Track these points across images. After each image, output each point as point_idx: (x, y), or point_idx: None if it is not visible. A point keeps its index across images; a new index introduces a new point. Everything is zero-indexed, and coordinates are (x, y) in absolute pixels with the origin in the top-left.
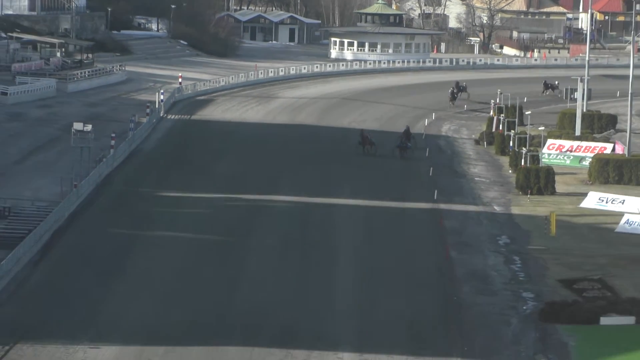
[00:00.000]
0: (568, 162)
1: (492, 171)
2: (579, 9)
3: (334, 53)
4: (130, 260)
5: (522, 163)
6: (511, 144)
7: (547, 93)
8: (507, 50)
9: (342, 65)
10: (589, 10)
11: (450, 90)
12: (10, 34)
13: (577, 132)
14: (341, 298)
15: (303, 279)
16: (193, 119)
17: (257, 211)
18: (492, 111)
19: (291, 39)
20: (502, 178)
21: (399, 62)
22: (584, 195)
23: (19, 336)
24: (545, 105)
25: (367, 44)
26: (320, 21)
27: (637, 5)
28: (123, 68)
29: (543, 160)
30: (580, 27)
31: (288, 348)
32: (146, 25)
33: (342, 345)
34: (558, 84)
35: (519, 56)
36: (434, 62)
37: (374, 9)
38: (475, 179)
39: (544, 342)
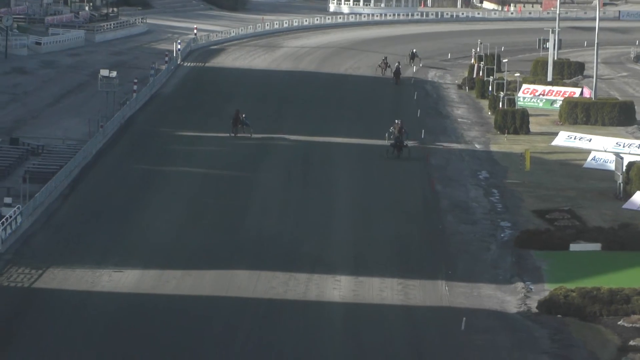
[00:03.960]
0: (541, 104)
1: (473, 113)
2: None
3: (332, 7)
4: (150, 193)
5: (500, 106)
6: (490, 89)
7: (412, 63)
8: (487, 5)
9: (340, 18)
10: None
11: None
12: None
13: (549, 78)
14: (338, 227)
15: (304, 210)
16: (207, 66)
17: (264, 148)
18: (473, 59)
19: None
20: (482, 119)
21: (390, 15)
22: (555, 134)
23: (51, 262)
24: (521, 53)
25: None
26: None
27: None
28: (144, 21)
29: (518, 103)
30: None
31: (291, 272)
32: None
33: (340, 270)
34: (416, 51)
35: (497, 10)
36: (421, 15)
37: None
38: (458, 120)
39: (519, 266)
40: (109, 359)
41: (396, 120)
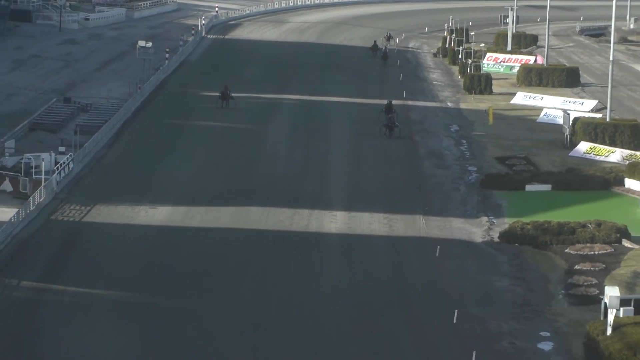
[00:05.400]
0: (502, 70)
1: (446, 77)
2: None
3: None
4: (179, 142)
5: (468, 71)
6: (460, 57)
7: (388, 44)
8: None
9: None
10: None
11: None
12: None
13: (509, 48)
14: (334, 171)
15: (306, 157)
16: (226, 38)
17: (273, 106)
18: (446, 32)
19: None
20: (453, 82)
21: None
22: (513, 94)
23: (97, 199)
24: (485, 28)
25: None
26: None
27: None
28: (174, 0)
29: (483, 68)
30: None
31: (295, 208)
32: None
33: (336, 206)
34: (390, 34)
35: None
36: None
37: None
38: (433, 82)
39: (484, 203)
40: (145, 278)
41: (386, 101)
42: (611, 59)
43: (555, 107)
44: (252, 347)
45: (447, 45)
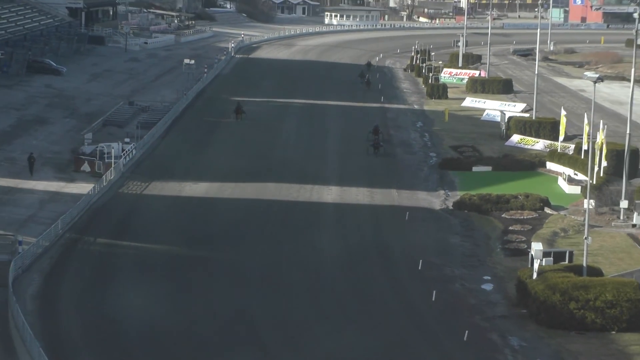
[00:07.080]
0: (455, 81)
1: (413, 86)
2: None
3: (327, 20)
4: (215, 135)
5: (430, 81)
6: (424, 71)
7: (369, 70)
8: (422, 19)
9: (331, 27)
10: None
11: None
12: (148, 10)
13: (460, 64)
14: (331, 156)
15: (310, 145)
16: (249, 57)
17: (285, 108)
18: (413, 52)
19: (303, 13)
20: (418, 90)
21: (362, 26)
22: (463, 99)
23: (153, 177)
24: (442, 49)
25: (345, 15)
26: (319, 3)
27: None
28: (211, 29)
29: (441, 80)
30: (461, 6)
31: (301, 184)
32: (224, 5)
33: (331, 182)
34: (369, 62)
35: (428, 22)
36: (381, 25)
37: None
38: (404, 90)
39: (441, 180)
40: (189, 236)
41: (375, 124)
42: (536, 72)
43: (494, 108)
44: (268, 285)
45: (414, 63)
